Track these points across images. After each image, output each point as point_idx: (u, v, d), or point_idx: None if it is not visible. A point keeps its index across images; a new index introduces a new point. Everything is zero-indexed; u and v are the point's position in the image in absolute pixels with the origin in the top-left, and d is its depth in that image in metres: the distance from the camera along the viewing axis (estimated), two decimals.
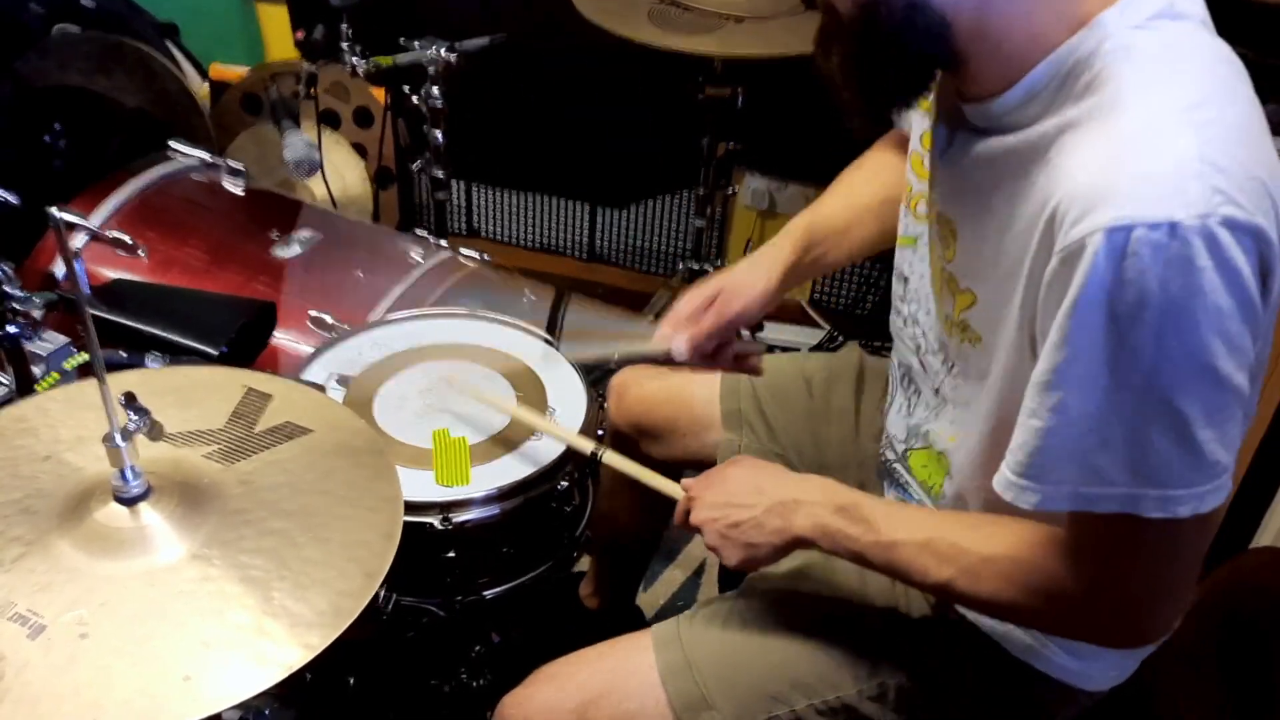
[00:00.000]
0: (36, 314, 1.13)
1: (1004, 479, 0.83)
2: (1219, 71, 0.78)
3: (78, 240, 1.70)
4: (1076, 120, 0.78)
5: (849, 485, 1.01)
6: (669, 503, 1.12)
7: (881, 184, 1.21)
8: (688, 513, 1.06)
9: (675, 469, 1.51)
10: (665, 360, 1.18)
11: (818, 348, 2.58)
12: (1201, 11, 0.82)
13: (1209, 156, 0.71)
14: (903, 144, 1.11)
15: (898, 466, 1.13)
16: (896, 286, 1.12)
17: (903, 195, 1.10)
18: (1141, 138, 0.73)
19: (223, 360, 1.18)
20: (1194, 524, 0.78)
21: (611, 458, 1.19)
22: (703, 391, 1.38)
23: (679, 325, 1.17)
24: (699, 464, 1.39)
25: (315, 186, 2.36)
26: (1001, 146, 0.84)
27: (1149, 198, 0.70)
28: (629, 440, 1.43)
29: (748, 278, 1.18)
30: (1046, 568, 0.86)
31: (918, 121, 1.05)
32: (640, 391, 1.42)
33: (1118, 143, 0.74)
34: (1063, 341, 0.75)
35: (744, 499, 1.02)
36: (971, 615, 1.04)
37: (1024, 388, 0.81)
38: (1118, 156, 0.73)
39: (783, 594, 1.12)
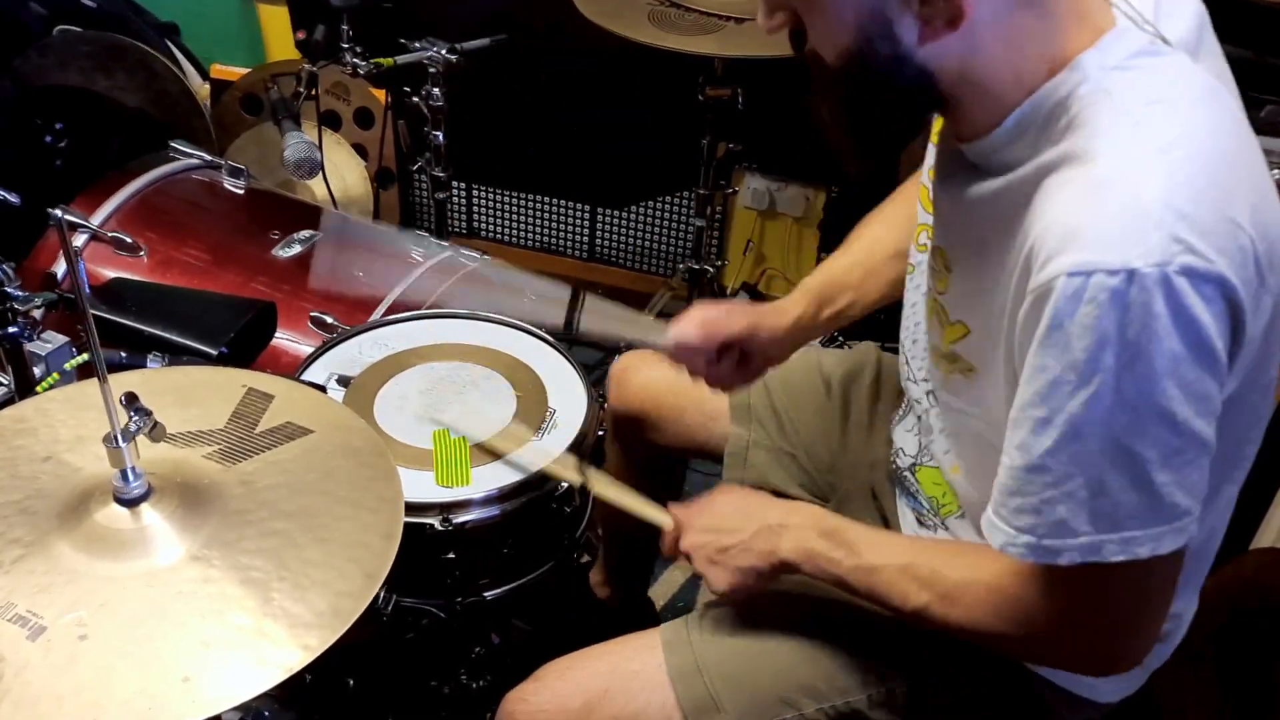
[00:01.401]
0: (36, 314, 1.13)
1: (986, 517, 0.86)
2: (1197, 109, 0.78)
3: (78, 240, 1.70)
4: (1053, 164, 0.78)
5: (861, 487, 1.01)
6: (675, 495, 1.12)
7: (897, 237, 1.20)
8: (676, 540, 1.07)
9: (679, 457, 1.50)
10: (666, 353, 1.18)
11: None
12: (1191, 37, 0.82)
13: (1174, 203, 0.71)
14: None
15: (908, 475, 1.13)
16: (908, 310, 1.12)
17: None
18: (1110, 182, 0.74)
19: (223, 360, 1.18)
20: (1159, 562, 0.79)
21: (600, 488, 1.19)
22: None
23: (694, 326, 1.16)
24: (704, 453, 1.38)
25: (316, 187, 2.36)
26: (992, 187, 0.85)
27: (1110, 244, 0.71)
28: (631, 426, 1.40)
29: (775, 324, 1.17)
30: (1021, 598, 0.87)
31: (930, 153, 1.05)
32: (644, 378, 1.39)
33: (1087, 187, 0.75)
34: (1027, 382, 0.77)
35: (732, 524, 1.03)
36: None
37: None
38: (1086, 201, 0.74)
39: (792, 598, 1.11)
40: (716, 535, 1.03)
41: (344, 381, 1.35)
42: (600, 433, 1.33)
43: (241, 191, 1.88)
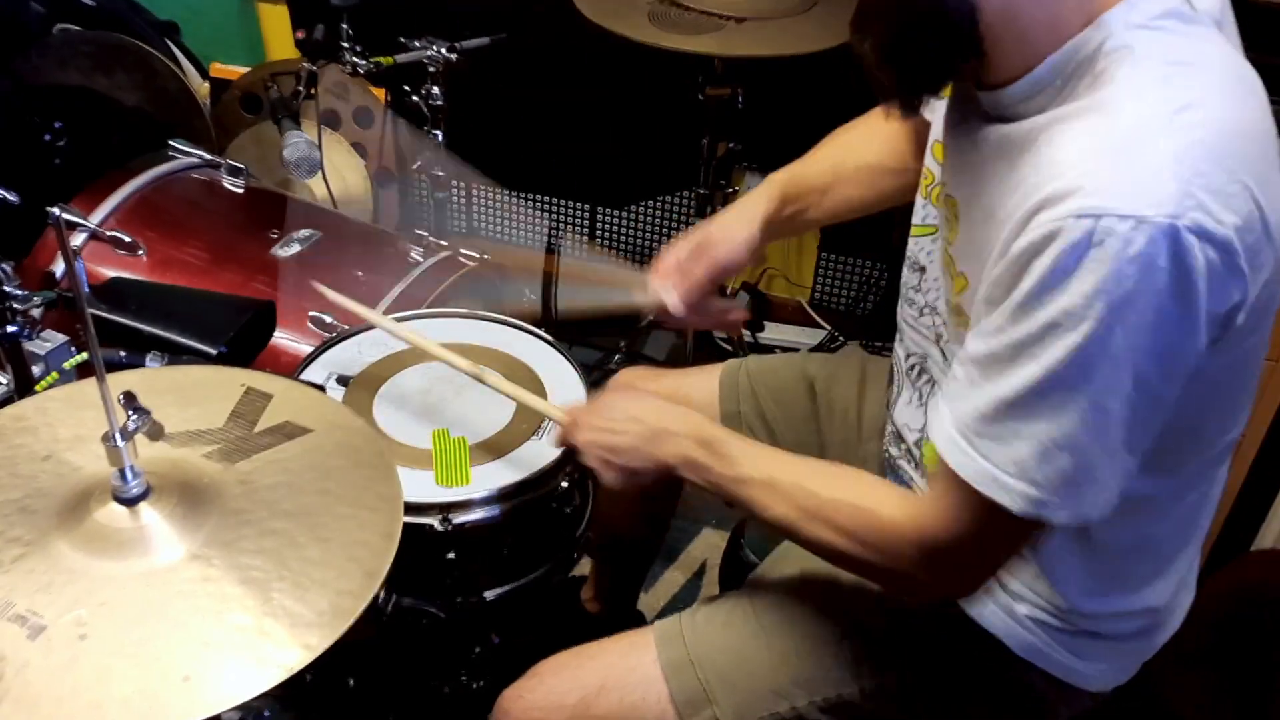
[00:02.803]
0: (36, 313, 1.13)
1: (945, 433, 0.85)
2: (1219, 76, 0.78)
3: (77, 239, 1.69)
4: (1068, 115, 0.79)
5: None
6: (670, 506, 1.13)
7: (870, 151, 1.23)
8: (569, 434, 1.12)
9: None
10: (656, 323, 1.20)
11: (818, 348, 2.58)
12: (1217, 11, 0.82)
13: (1189, 159, 0.72)
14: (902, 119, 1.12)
15: (902, 462, 1.13)
16: (910, 277, 1.12)
17: (895, 161, 1.13)
18: (1126, 136, 0.74)
19: (222, 360, 1.18)
20: (1036, 525, 0.82)
21: (494, 379, 1.22)
22: (701, 393, 1.38)
23: (667, 276, 1.21)
24: None
25: (315, 186, 2.35)
26: (1001, 134, 0.85)
27: (1123, 192, 0.71)
28: None
29: (730, 228, 1.21)
30: (885, 521, 0.89)
31: (940, 108, 1.05)
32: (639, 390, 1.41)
33: (1102, 139, 0.75)
34: (1017, 312, 0.76)
35: (623, 426, 1.07)
36: (973, 612, 1.04)
37: None
38: (1099, 152, 0.74)
39: (785, 591, 1.12)
40: (608, 435, 1.07)
41: (344, 381, 1.35)
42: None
43: (241, 191, 1.88)
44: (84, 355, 1.15)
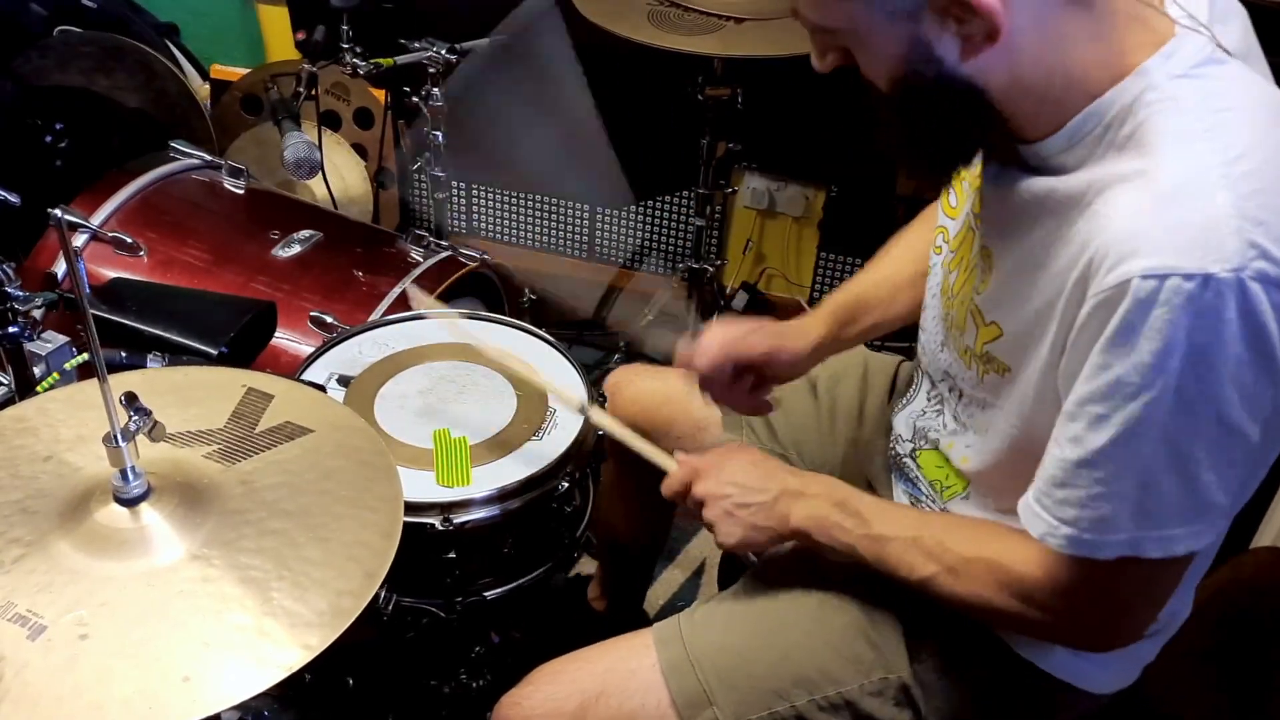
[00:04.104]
0: (37, 314, 1.13)
1: (1024, 503, 0.87)
2: (1264, 118, 0.79)
3: (78, 240, 1.70)
4: (1119, 172, 0.79)
5: (855, 482, 1.03)
6: (673, 506, 1.12)
7: (922, 254, 1.20)
8: (685, 486, 1.09)
9: None
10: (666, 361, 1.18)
11: None
12: (1242, 44, 0.83)
13: (1247, 211, 0.73)
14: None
15: (908, 461, 1.14)
16: (923, 311, 1.13)
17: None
18: (1181, 190, 0.75)
19: (223, 360, 1.18)
20: (1184, 560, 0.82)
21: (599, 416, 1.20)
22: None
23: (719, 364, 1.16)
24: None
25: (316, 187, 2.36)
26: (1046, 187, 0.86)
27: (1185, 249, 0.72)
28: None
29: (791, 339, 1.18)
30: (1030, 579, 0.89)
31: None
32: (635, 390, 1.41)
33: (1157, 194, 0.75)
34: (1088, 379, 0.78)
35: (755, 482, 1.05)
36: None
37: (1044, 422, 0.85)
38: (1156, 208, 0.75)
39: (784, 590, 1.12)
40: (740, 490, 1.05)
41: (344, 381, 1.35)
42: (599, 433, 1.33)
43: (241, 191, 1.88)
44: (85, 356, 1.15)
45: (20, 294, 1.11)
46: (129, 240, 1.71)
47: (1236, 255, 0.72)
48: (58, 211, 0.87)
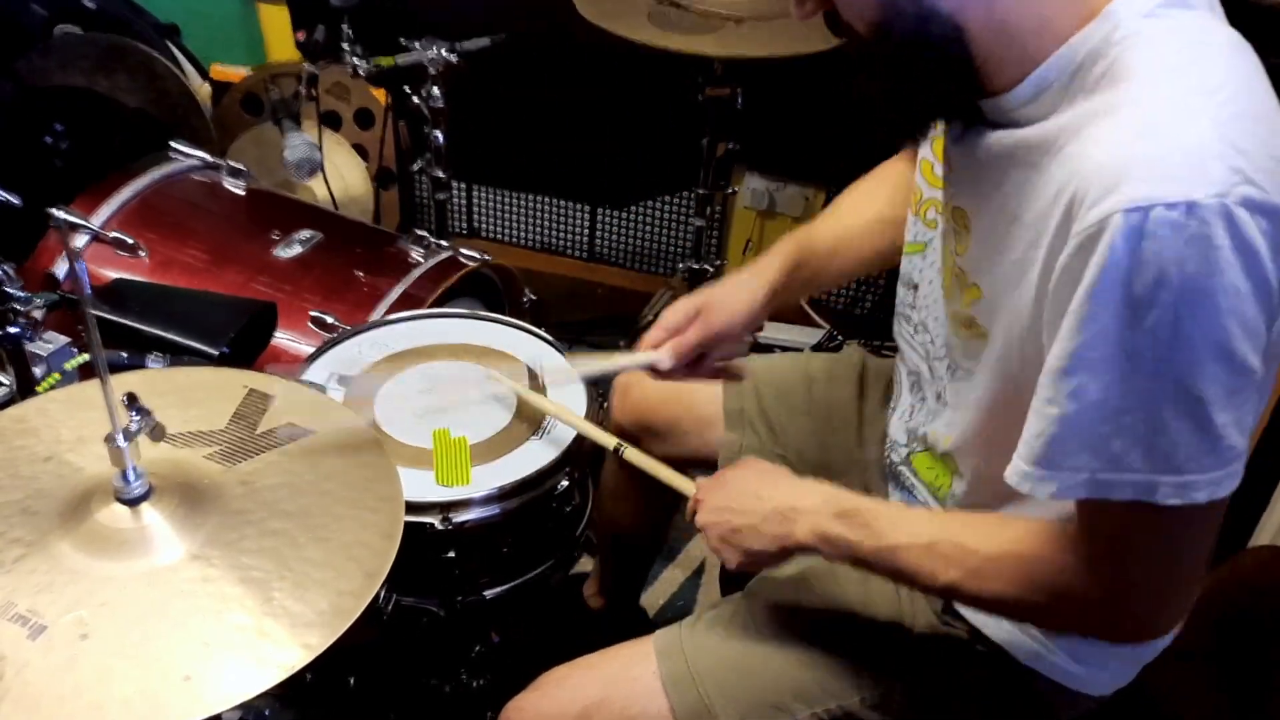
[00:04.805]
0: (38, 314, 1.13)
1: (1018, 470, 0.83)
2: (1234, 58, 0.78)
3: (78, 241, 1.70)
4: (1093, 109, 0.77)
5: (853, 488, 1.01)
6: (672, 504, 1.12)
7: (878, 202, 1.21)
8: (696, 512, 1.08)
9: (679, 467, 1.53)
10: (651, 370, 1.18)
11: (818, 348, 2.58)
12: (1209, 1, 0.82)
13: (1228, 137, 0.71)
14: (913, 157, 1.11)
15: (903, 469, 1.13)
16: (904, 294, 1.11)
17: (906, 208, 1.10)
18: (1159, 121, 0.73)
19: (224, 361, 1.18)
20: (1206, 511, 0.78)
21: (632, 454, 1.19)
22: (705, 391, 1.38)
23: (664, 336, 1.17)
24: (702, 463, 1.38)
25: (316, 187, 2.36)
26: (1012, 139, 0.85)
27: (1167, 178, 0.70)
28: (632, 438, 1.42)
29: (733, 295, 1.17)
30: (1054, 562, 0.85)
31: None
32: (642, 391, 1.42)
33: (1135, 126, 0.74)
34: (1079, 326, 0.75)
35: (744, 504, 1.02)
36: (976, 621, 1.04)
37: (1025, 380, 0.82)
38: (1135, 139, 0.73)
39: (785, 602, 1.12)
40: (728, 515, 1.02)
41: (344, 381, 1.35)
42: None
43: (242, 192, 1.88)
44: (85, 356, 1.15)
45: (21, 294, 1.11)
46: (130, 241, 1.71)
47: (1219, 181, 0.69)
48: (58, 212, 0.87)
